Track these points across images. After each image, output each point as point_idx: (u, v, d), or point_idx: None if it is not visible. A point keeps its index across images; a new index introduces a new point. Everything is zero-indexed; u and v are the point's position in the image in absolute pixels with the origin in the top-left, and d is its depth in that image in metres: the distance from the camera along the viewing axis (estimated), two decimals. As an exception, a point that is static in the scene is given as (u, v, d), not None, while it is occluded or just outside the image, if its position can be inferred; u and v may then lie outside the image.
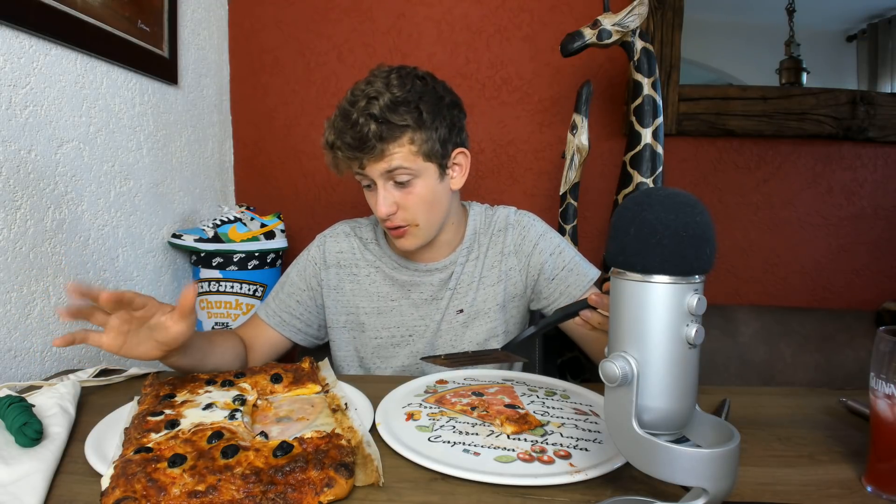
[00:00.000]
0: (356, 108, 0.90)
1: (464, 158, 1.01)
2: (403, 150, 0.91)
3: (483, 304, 1.04)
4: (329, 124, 0.96)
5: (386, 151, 0.90)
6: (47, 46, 1.07)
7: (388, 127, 0.89)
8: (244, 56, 1.77)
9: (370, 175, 0.93)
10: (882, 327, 0.56)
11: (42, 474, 0.59)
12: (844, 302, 1.69)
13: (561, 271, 1.03)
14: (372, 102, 0.90)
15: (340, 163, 0.95)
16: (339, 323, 1.07)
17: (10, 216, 1.00)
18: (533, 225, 1.07)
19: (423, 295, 1.05)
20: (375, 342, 1.06)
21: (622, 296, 0.50)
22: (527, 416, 0.73)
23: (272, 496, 0.53)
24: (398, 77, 0.93)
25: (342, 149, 0.92)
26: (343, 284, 1.07)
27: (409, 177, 0.93)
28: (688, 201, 0.48)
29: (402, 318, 1.05)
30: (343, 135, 0.91)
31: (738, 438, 0.47)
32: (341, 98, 0.96)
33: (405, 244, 0.99)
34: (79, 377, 0.89)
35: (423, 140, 0.92)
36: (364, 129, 0.89)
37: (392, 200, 0.94)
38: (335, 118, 0.95)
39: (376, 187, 0.94)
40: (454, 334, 1.04)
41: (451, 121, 0.96)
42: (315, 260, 1.09)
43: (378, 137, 0.89)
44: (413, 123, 0.91)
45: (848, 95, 1.60)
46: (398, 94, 0.90)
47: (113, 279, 1.26)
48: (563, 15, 1.66)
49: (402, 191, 0.94)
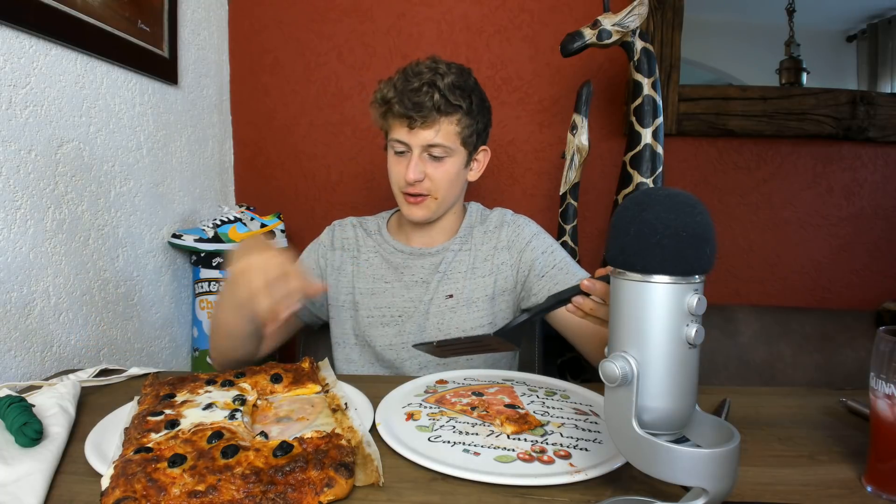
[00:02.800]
0: (420, 77, 0.99)
1: (484, 156, 1.13)
2: (451, 127, 1.01)
3: (472, 293, 1.08)
4: (388, 84, 1.03)
5: (437, 122, 1.00)
6: (47, 46, 1.07)
7: (445, 101, 0.99)
8: (244, 56, 1.77)
9: (410, 142, 1.01)
10: (882, 327, 0.56)
11: (42, 474, 0.59)
12: (844, 302, 1.69)
13: (551, 269, 1.07)
14: (437, 76, 1.00)
15: (389, 119, 1.03)
16: (339, 302, 1.14)
17: (10, 216, 1.00)
18: (528, 225, 1.14)
19: (414, 277, 1.11)
20: (368, 320, 1.11)
21: (622, 296, 0.50)
22: (527, 416, 0.73)
23: (272, 496, 0.53)
24: (458, 68, 1.04)
25: (399, 105, 0.99)
26: (345, 266, 1.15)
27: (444, 154, 1.03)
28: (688, 201, 0.48)
29: (394, 299, 1.11)
30: (403, 95, 0.99)
31: (738, 438, 0.48)
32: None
33: (417, 213, 1.07)
34: (79, 377, 0.89)
35: (466, 125, 1.03)
36: (425, 97, 0.98)
37: (422, 169, 1.03)
38: (396, 79, 1.02)
39: (409, 154, 1.03)
40: (442, 318, 1.08)
41: (486, 120, 1.09)
42: (324, 243, 1.18)
43: (436, 107, 0.99)
44: (465, 108, 1.01)
45: (848, 95, 1.59)
46: (458, 80, 1.02)
47: (113, 279, 1.26)
48: (563, 15, 1.66)
49: (433, 163, 1.03)
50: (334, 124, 1.76)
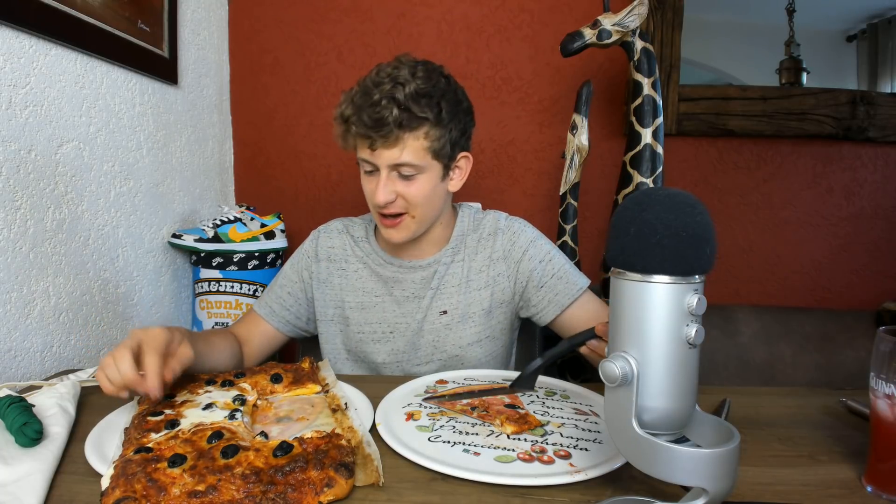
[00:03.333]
0: (380, 89, 0.89)
1: (466, 163, 1.02)
2: (417, 143, 0.91)
3: (468, 308, 1.03)
4: (347, 98, 0.94)
5: (400, 139, 0.90)
6: (47, 46, 1.07)
7: (408, 115, 0.89)
8: (244, 56, 1.77)
9: (376, 162, 0.93)
10: (882, 327, 0.56)
11: (42, 474, 0.59)
12: (844, 302, 1.69)
13: (550, 279, 1.02)
14: (397, 87, 0.89)
15: (350, 138, 0.94)
16: (328, 316, 1.08)
17: (10, 216, 1.00)
18: (523, 231, 1.06)
19: (406, 292, 1.05)
20: (358, 336, 1.06)
21: (622, 296, 0.50)
22: (527, 416, 0.73)
23: (272, 496, 0.53)
24: (425, 70, 0.93)
25: (357, 125, 0.91)
26: (332, 278, 1.08)
27: (414, 171, 0.93)
28: (688, 201, 0.48)
29: (385, 314, 1.05)
30: (361, 112, 0.90)
31: (738, 438, 0.48)
32: (354, 82, 0.94)
33: (395, 235, 0.98)
34: (79, 377, 0.89)
35: (436, 137, 0.92)
36: (384, 111, 0.88)
37: (392, 189, 0.94)
38: (355, 93, 0.93)
39: (378, 174, 0.94)
40: (437, 335, 1.03)
41: (463, 125, 0.97)
42: (308, 253, 1.11)
43: (397, 123, 0.88)
44: (432, 118, 0.91)
45: (848, 95, 1.59)
46: (423, 87, 0.90)
47: (113, 279, 1.26)
48: (563, 15, 1.66)
49: (404, 182, 0.94)
50: (334, 124, 1.76)
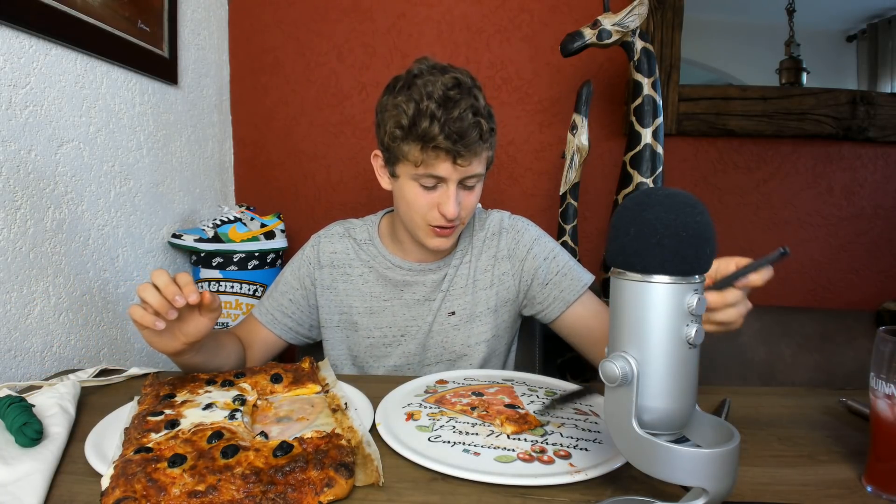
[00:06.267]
0: (459, 103, 0.85)
1: None
2: (485, 153, 0.92)
3: (475, 308, 1.03)
4: (417, 111, 0.85)
5: (480, 151, 0.89)
6: (47, 46, 1.07)
7: (490, 129, 0.89)
8: (244, 56, 1.77)
9: (450, 175, 0.89)
10: (882, 327, 0.56)
11: (42, 474, 0.59)
12: (844, 302, 1.69)
13: (555, 276, 1.02)
14: (473, 99, 0.87)
15: (426, 153, 0.86)
16: (333, 322, 1.07)
17: (10, 216, 1.00)
18: (527, 229, 1.06)
19: (416, 295, 1.04)
20: (368, 342, 1.05)
21: (622, 296, 0.50)
22: (527, 416, 0.73)
23: (272, 496, 0.53)
24: (470, 77, 0.91)
25: (445, 140, 0.84)
26: (336, 284, 1.06)
27: (477, 181, 0.94)
28: (688, 201, 0.48)
29: (395, 318, 1.04)
30: (446, 126, 0.83)
31: (738, 438, 0.48)
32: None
33: (446, 244, 0.97)
34: (79, 377, 0.89)
35: (492, 145, 0.94)
36: (471, 126, 0.85)
37: (459, 201, 0.92)
38: (427, 105, 0.84)
39: (440, 187, 0.91)
40: (445, 336, 1.04)
41: None
42: (309, 259, 1.08)
43: (482, 137, 0.87)
44: (495, 131, 0.92)
45: (848, 95, 1.60)
46: (483, 94, 0.90)
47: (113, 279, 1.26)
48: (563, 15, 1.66)
49: (465, 192, 0.94)
50: (334, 124, 1.76)
